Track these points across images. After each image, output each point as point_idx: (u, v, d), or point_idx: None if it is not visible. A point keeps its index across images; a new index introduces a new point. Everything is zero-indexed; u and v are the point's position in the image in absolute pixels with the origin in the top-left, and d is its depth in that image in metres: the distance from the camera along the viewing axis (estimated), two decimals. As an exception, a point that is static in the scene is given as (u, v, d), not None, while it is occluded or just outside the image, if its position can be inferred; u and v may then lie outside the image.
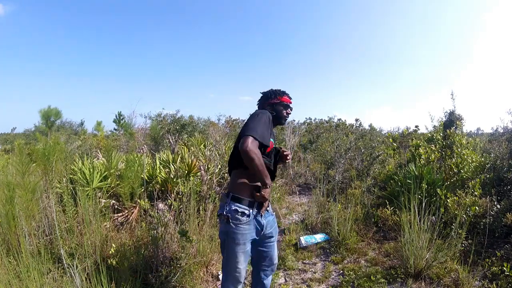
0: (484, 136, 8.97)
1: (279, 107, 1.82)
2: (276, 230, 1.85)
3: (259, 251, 1.80)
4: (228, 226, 1.61)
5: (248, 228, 1.61)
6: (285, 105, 1.84)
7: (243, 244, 1.61)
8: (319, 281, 2.61)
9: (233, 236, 1.60)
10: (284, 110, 1.84)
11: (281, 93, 1.84)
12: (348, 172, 5.45)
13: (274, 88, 1.86)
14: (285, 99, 1.83)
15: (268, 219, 1.75)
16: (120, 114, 15.03)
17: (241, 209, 1.59)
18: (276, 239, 1.86)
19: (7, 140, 16.87)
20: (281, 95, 1.83)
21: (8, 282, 1.84)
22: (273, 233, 1.80)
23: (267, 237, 1.76)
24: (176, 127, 7.54)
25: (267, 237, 1.77)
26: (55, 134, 9.05)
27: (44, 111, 10.63)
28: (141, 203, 2.88)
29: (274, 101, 1.82)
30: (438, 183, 3.50)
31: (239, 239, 1.60)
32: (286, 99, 1.84)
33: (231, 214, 1.59)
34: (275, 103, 1.82)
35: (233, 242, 1.61)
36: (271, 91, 1.85)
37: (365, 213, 3.69)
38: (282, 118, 1.84)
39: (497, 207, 3.08)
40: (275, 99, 1.82)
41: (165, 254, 2.43)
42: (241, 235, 1.60)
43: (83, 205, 2.62)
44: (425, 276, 2.49)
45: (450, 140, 4.13)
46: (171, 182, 3.46)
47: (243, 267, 1.65)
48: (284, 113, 1.84)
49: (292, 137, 6.71)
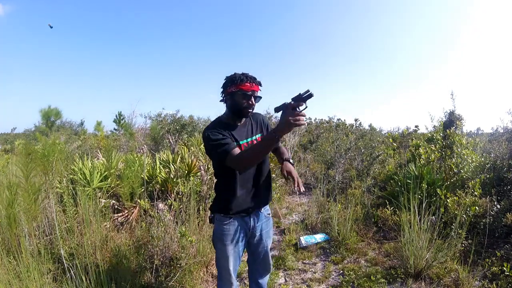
0: (484, 136, 8.96)
1: (238, 97, 1.52)
2: (269, 234, 1.76)
3: (252, 253, 1.77)
4: (214, 226, 1.63)
5: (232, 229, 1.60)
6: (244, 94, 1.50)
7: (230, 244, 1.59)
8: (319, 281, 2.61)
9: (219, 236, 1.61)
10: (243, 100, 1.52)
11: (240, 79, 1.50)
12: (348, 172, 5.45)
13: (239, 73, 1.53)
14: (245, 87, 1.50)
15: (261, 221, 1.70)
16: (120, 114, 15.00)
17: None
18: (270, 243, 1.79)
19: (7, 140, 16.86)
20: (240, 82, 1.49)
21: (8, 282, 1.84)
22: (265, 236, 1.72)
23: (257, 240, 1.71)
24: (176, 127, 7.54)
25: (257, 240, 1.71)
26: (55, 134, 9.05)
27: (44, 111, 10.61)
28: (141, 203, 2.88)
29: (232, 90, 1.52)
30: (438, 183, 3.50)
31: (224, 239, 1.59)
32: (246, 87, 1.50)
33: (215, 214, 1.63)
34: (233, 92, 1.52)
35: (220, 242, 1.61)
36: (230, 77, 1.53)
37: (365, 213, 3.69)
38: (242, 109, 1.54)
39: (497, 207, 3.08)
40: (232, 87, 1.51)
41: (165, 254, 2.43)
42: (225, 236, 1.59)
43: (83, 205, 2.62)
44: (425, 276, 2.49)
45: (450, 140, 4.12)
46: (171, 182, 3.46)
47: (232, 268, 1.63)
48: (244, 103, 1.53)
49: (292, 137, 6.71)
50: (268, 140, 1.28)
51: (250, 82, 1.51)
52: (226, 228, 1.59)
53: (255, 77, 1.55)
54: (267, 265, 1.81)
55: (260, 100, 1.60)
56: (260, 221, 1.70)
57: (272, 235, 1.82)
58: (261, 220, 1.70)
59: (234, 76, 1.52)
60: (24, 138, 11.95)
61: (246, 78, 1.51)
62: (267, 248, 1.77)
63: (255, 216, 1.67)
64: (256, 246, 1.73)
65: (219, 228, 1.61)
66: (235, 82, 1.50)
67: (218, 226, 1.62)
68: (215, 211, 1.64)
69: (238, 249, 1.63)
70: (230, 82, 1.52)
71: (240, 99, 1.52)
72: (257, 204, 1.66)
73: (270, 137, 1.26)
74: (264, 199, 1.71)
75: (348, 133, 7.16)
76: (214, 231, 1.65)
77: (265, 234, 1.73)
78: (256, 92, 1.55)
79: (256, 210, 1.67)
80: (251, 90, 1.52)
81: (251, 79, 1.52)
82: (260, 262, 1.78)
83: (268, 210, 1.79)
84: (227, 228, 1.59)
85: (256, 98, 1.57)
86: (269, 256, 1.81)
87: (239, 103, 1.53)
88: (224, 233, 1.59)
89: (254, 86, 1.53)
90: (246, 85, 1.50)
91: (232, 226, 1.60)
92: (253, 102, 1.55)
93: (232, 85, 1.52)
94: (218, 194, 1.66)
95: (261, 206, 1.70)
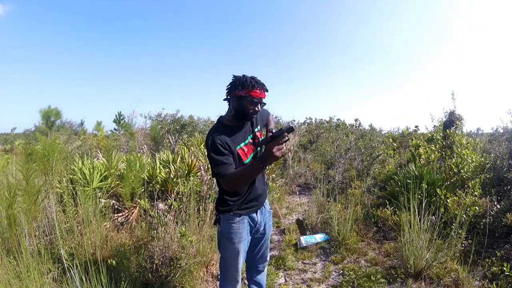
0: (484, 136, 8.97)
1: (246, 102, 1.50)
2: (270, 227, 1.85)
3: (254, 247, 1.80)
4: (222, 226, 1.63)
5: (241, 227, 1.62)
6: (252, 101, 1.49)
7: (239, 242, 1.61)
8: (319, 281, 2.61)
9: (227, 235, 1.61)
10: (250, 106, 1.51)
11: (251, 85, 1.47)
12: (348, 172, 5.45)
13: (248, 76, 1.50)
14: (255, 94, 1.48)
15: (265, 216, 1.76)
16: (120, 114, 15.01)
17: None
18: (269, 237, 1.86)
19: (7, 140, 16.87)
20: (251, 88, 1.47)
21: (8, 282, 1.84)
22: (267, 231, 1.80)
23: (261, 233, 1.76)
24: (176, 127, 7.54)
25: (261, 234, 1.77)
26: (55, 134, 9.05)
27: (44, 111, 10.60)
28: (141, 203, 2.88)
29: (241, 94, 1.48)
30: (438, 183, 3.50)
31: (233, 238, 1.60)
32: (256, 94, 1.48)
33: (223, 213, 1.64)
34: (241, 96, 1.49)
35: (229, 241, 1.61)
36: (240, 79, 1.49)
37: (365, 213, 3.69)
38: (247, 115, 1.54)
39: (497, 207, 3.08)
40: (241, 91, 1.48)
41: (165, 254, 2.43)
42: (234, 234, 1.60)
43: (83, 205, 2.62)
44: (425, 276, 2.49)
45: (450, 140, 4.12)
46: (171, 182, 3.46)
47: (240, 267, 1.66)
48: (251, 109, 1.52)
49: (292, 137, 6.71)
50: (254, 169, 1.44)
51: (260, 89, 1.50)
52: (235, 227, 1.60)
53: (264, 84, 1.53)
54: (266, 256, 1.90)
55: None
56: (264, 215, 1.75)
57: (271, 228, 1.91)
58: (265, 214, 1.76)
59: (245, 80, 1.48)
60: (24, 138, 11.97)
61: (257, 84, 1.48)
62: (268, 241, 1.86)
63: (261, 212, 1.72)
64: (259, 239, 1.78)
65: (227, 227, 1.61)
66: (245, 87, 1.47)
67: (226, 225, 1.61)
68: (223, 212, 1.62)
69: (245, 246, 1.67)
70: (240, 86, 1.48)
71: (247, 104, 1.50)
72: (262, 200, 1.71)
73: (256, 166, 1.41)
74: (265, 193, 1.76)
75: (348, 133, 7.16)
76: (222, 231, 1.63)
77: (268, 228, 1.79)
78: (263, 99, 1.55)
79: (261, 205, 1.72)
80: (259, 97, 1.50)
81: (261, 85, 1.50)
82: (261, 255, 1.84)
83: (268, 205, 1.84)
84: (237, 227, 1.60)
85: (262, 104, 1.57)
86: (268, 247, 1.90)
87: (246, 108, 1.51)
88: (234, 231, 1.60)
89: (263, 93, 1.52)
90: (256, 92, 1.48)
91: (241, 224, 1.61)
92: (259, 108, 1.55)
93: (241, 89, 1.48)
94: (224, 195, 1.63)
95: (264, 200, 1.75)
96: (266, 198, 1.79)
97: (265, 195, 1.76)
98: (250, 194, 1.62)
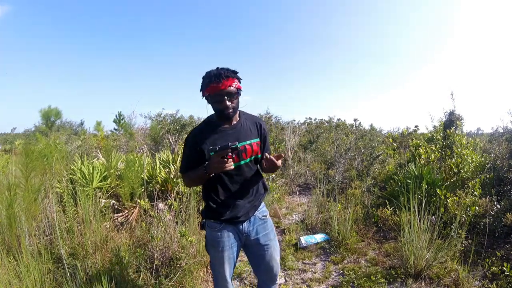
0: (484, 136, 8.96)
1: (211, 101, 1.42)
2: (269, 237, 1.61)
3: (252, 259, 1.66)
4: (206, 232, 1.59)
5: (225, 235, 1.52)
6: (213, 97, 1.38)
7: (223, 250, 1.51)
8: (319, 281, 2.61)
9: (211, 243, 1.55)
10: (215, 104, 1.40)
11: (205, 84, 1.38)
12: (348, 172, 5.45)
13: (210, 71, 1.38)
14: (212, 89, 1.35)
15: (255, 224, 1.58)
16: (120, 114, 15.02)
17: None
18: (273, 246, 1.62)
19: (7, 140, 16.84)
20: (205, 86, 1.38)
21: (8, 282, 1.84)
22: (263, 240, 1.58)
23: (255, 244, 1.58)
24: (176, 127, 7.53)
25: (256, 244, 1.58)
26: (55, 134, 9.04)
27: (44, 111, 10.60)
28: (141, 203, 2.88)
29: (204, 96, 1.43)
30: (438, 183, 3.50)
31: (217, 246, 1.52)
32: (212, 89, 1.35)
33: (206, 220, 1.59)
34: (206, 97, 1.43)
35: (214, 249, 1.54)
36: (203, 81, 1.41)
37: (365, 213, 3.69)
38: (220, 113, 1.43)
39: (497, 207, 3.08)
40: (203, 93, 1.42)
41: (165, 254, 2.43)
42: (218, 242, 1.52)
43: (83, 205, 2.62)
44: (425, 276, 2.48)
45: (450, 140, 4.12)
46: (171, 182, 3.46)
47: (228, 273, 1.56)
48: (221, 106, 1.39)
49: (292, 137, 6.71)
50: (200, 174, 1.44)
51: (216, 81, 1.34)
52: (218, 235, 1.52)
53: (225, 71, 1.36)
54: (270, 272, 1.64)
55: (241, 94, 1.45)
56: (254, 224, 1.58)
57: (274, 237, 1.65)
58: (255, 223, 1.58)
59: (203, 80, 1.40)
60: (24, 138, 11.95)
61: (210, 79, 1.35)
62: (269, 253, 1.60)
63: (248, 221, 1.57)
64: (254, 250, 1.61)
65: (211, 235, 1.55)
66: (202, 88, 1.41)
67: (210, 232, 1.56)
68: (206, 218, 1.58)
69: (233, 254, 1.55)
70: (201, 88, 1.43)
71: (214, 103, 1.41)
72: (248, 210, 1.55)
73: (202, 173, 1.43)
74: (254, 203, 1.59)
75: (348, 133, 7.16)
76: (207, 237, 1.59)
77: (263, 238, 1.58)
78: (227, 88, 1.35)
79: (247, 215, 1.56)
80: (219, 91, 1.35)
81: (216, 76, 1.34)
82: (263, 269, 1.64)
83: (264, 212, 1.64)
84: (219, 235, 1.52)
85: (231, 95, 1.38)
86: (274, 263, 1.63)
87: (214, 108, 1.44)
88: (217, 239, 1.52)
89: (223, 84, 1.34)
90: (212, 87, 1.35)
91: (224, 232, 1.52)
92: (226, 103, 1.37)
93: (202, 91, 1.42)
94: (206, 201, 1.58)
95: (253, 211, 1.58)
96: (257, 207, 1.60)
97: (254, 203, 1.58)
98: (232, 212, 1.51)
